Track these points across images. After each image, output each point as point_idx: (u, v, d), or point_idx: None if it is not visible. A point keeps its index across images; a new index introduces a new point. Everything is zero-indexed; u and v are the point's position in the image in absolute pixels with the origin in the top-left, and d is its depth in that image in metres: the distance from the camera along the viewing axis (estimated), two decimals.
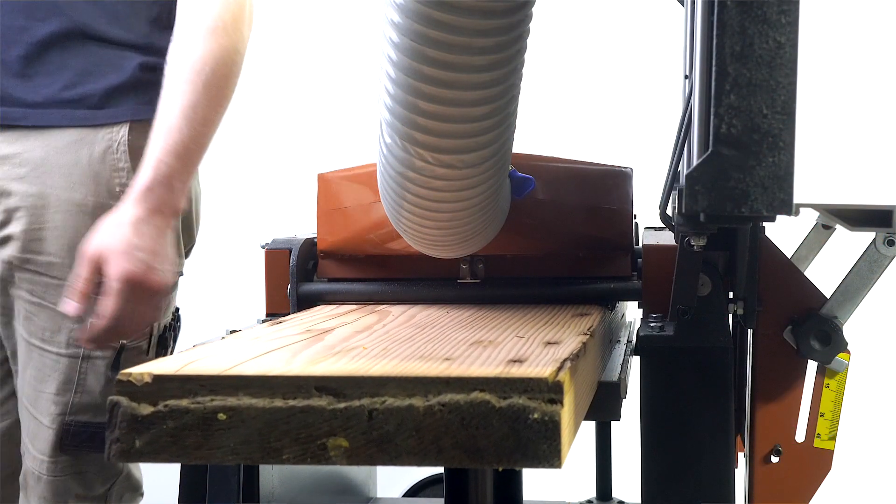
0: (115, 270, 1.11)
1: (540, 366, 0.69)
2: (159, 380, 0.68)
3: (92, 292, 1.12)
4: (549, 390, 0.64)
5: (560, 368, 0.67)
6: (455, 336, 0.86)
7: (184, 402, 0.67)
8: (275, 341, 0.83)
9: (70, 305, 1.12)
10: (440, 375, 0.65)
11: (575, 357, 0.73)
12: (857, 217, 0.94)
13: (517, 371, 0.66)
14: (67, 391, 1.22)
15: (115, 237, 1.12)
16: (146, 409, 0.67)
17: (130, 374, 0.68)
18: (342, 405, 0.66)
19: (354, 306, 1.13)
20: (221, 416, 0.67)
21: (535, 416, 0.64)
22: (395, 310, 1.08)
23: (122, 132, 1.25)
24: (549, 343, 0.80)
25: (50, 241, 1.22)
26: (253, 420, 0.66)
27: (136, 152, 1.24)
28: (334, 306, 1.15)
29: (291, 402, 0.66)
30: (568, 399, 0.66)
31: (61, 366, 1.23)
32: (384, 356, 0.74)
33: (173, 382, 0.68)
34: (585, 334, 0.86)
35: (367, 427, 0.65)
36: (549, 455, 0.64)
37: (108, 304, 1.10)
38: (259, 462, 0.67)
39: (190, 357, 0.75)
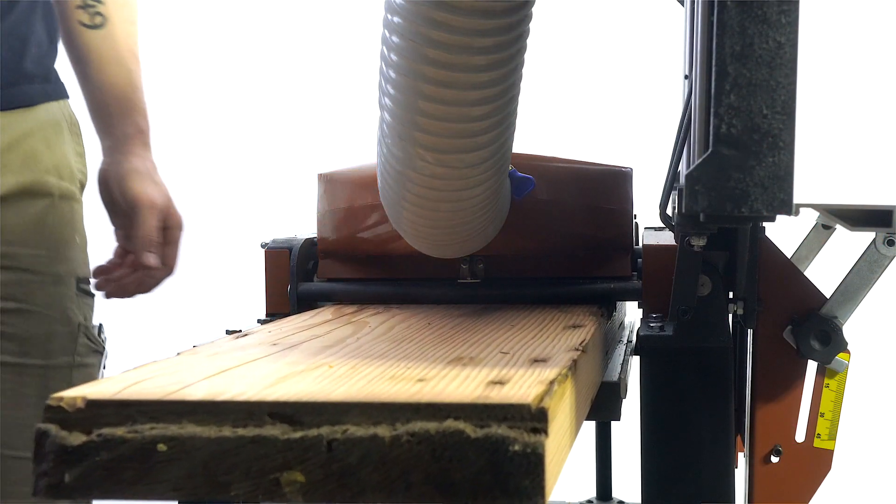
0: (179, 221, 1.21)
1: (523, 389, 0.62)
2: (94, 405, 0.60)
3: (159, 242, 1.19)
4: (531, 418, 0.57)
5: (546, 392, 0.60)
6: (433, 352, 0.79)
7: (120, 431, 0.60)
8: (233, 358, 0.76)
9: (153, 258, 1.17)
10: (409, 401, 0.59)
11: (563, 377, 0.67)
12: (857, 217, 0.94)
13: (497, 395, 0.60)
14: None
15: (164, 188, 1.22)
16: (77, 439, 0.60)
17: (62, 399, 0.61)
18: (298, 434, 0.59)
19: (330, 315, 1.06)
20: (161, 446, 0.59)
21: (516, 447, 0.57)
22: (374, 320, 1.01)
23: (68, 108, 1.27)
24: (535, 361, 0.74)
25: (37, 233, 1.17)
26: (197, 451, 0.59)
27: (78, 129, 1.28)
28: (310, 314, 1.09)
29: (241, 432, 0.59)
30: (555, 427, 0.60)
31: (47, 380, 1.14)
32: (351, 376, 0.67)
33: (109, 408, 0.60)
34: (577, 350, 0.79)
35: (325, 459, 0.58)
36: (532, 492, 0.57)
37: (173, 254, 1.20)
38: (205, 498, 0.60)
39: (134, 377, 0.68)
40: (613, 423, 1.49)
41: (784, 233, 1.07)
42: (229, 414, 0.59)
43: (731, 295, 1.01)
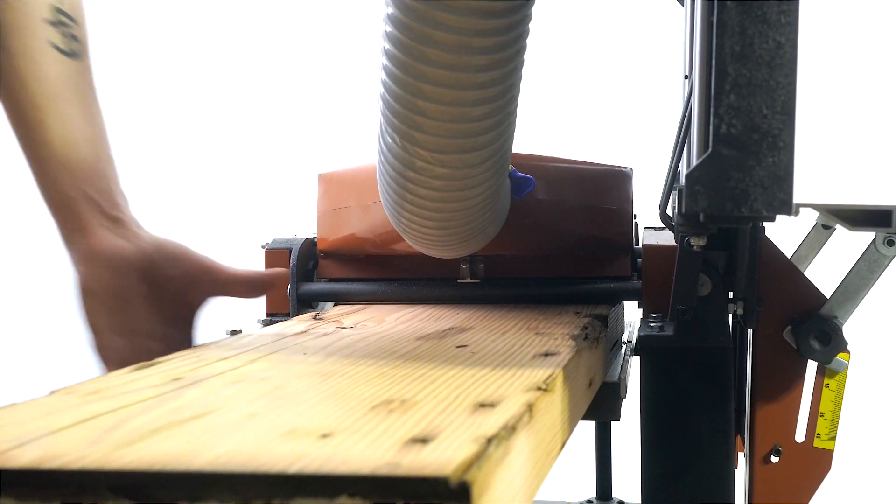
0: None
1: (449, 450, 0.47)
2: None
3: None
4: (450, 496, 0.42)
5: (477, 456, 0.46)
6: (361, 391, 0.64)
7: None
8: (112, 400, 0.61)
9: None
10: (288, 471, 0.44)
11: (509, 431, 0.52)
12: (857, 217, 0.94)
13: (409, 461, 0.45)
14: None
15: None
16: None
17: None
18: None
19: (269, 339, 0.88)
20: None
21: None
22: (314, 344, 0.85)
23: None
24: (481, 405, 0.59)
25: None
26: None
27: None
28: (240, 337, 0.91)
29: None
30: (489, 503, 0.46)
31: None
32: (239, 429, 0.53)
33: None
34: (539, 389, 0.63)
35: None
36: None
37: None
38: None
39: None
40: (613, 423, 1.49)
41: (784, 233, 1.07)
42: (59, 487, 0.45)
43: (731, 295, 1.01)
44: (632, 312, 1.31)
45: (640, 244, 1.15)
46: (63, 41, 0.89)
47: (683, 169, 0.86)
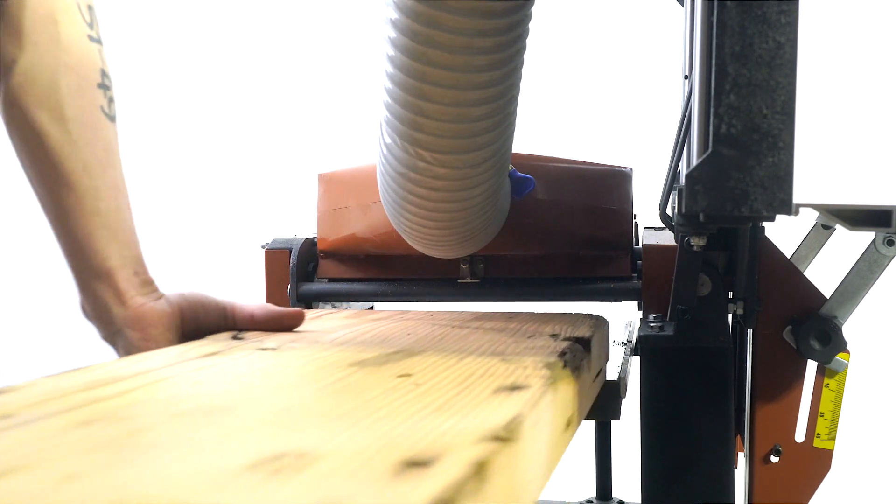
0: None
1: None
2: None
3: None
4: None
5: None
6: (246, 439, 0.47)
7: None
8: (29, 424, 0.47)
9: None
10: None
11: None
12: (857, 217, 0.94)
13: None
14: None
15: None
16: None
17: None
18: None
19: (169, 360, 0.71)
20: None
21: None
22: (218, 371, 0.68)
23: None
24: (411, 464, 0.42)
25: None
26: None
27: None
28: (150, 358, 0.72)
29: None
30: None
31: None
32: (40, 499, 0.38)
33: None
34: (498, 439, 0.47)
35: None
36: None
37: None
38: None
39: None
40: (613, 423, 1.49)
41: (784, 233, 1.07)
42: None
43: (730, 295, 1.01)
44: (632, 312, 1.31)
45: (640, 244, 1.15)
46: (108, 105, 0.87)
47: (683, 169, 0.86)
